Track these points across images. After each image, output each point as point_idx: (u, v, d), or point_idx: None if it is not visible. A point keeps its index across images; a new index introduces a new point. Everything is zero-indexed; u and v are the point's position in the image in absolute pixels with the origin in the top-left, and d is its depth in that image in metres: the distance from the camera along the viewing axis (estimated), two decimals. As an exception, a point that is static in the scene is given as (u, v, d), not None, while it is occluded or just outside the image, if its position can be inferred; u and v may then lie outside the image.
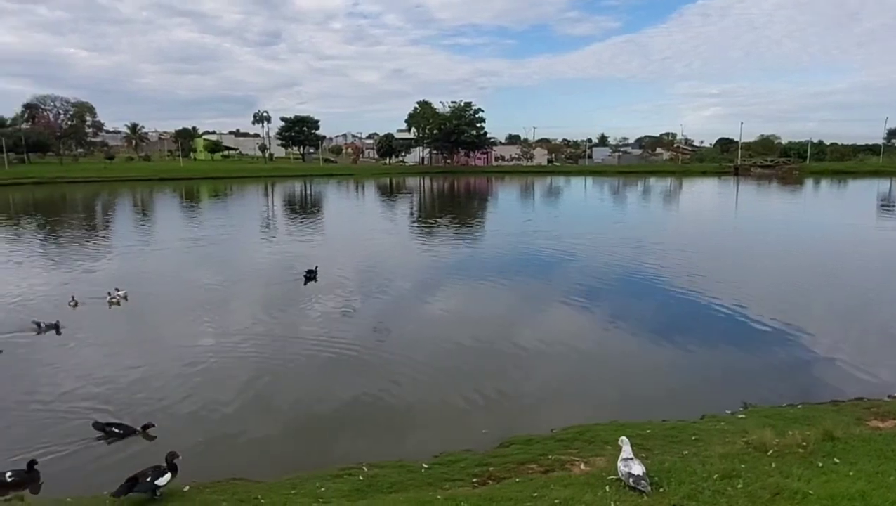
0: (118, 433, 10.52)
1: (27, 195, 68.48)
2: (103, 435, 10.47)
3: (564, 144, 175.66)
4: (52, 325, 16.64)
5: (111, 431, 10.54)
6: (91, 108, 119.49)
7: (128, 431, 10.58)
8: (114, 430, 10.55)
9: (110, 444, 10.27)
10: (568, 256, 29.18)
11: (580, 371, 14.22)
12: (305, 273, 23.98)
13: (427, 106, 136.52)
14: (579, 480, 7.39)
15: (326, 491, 7.71)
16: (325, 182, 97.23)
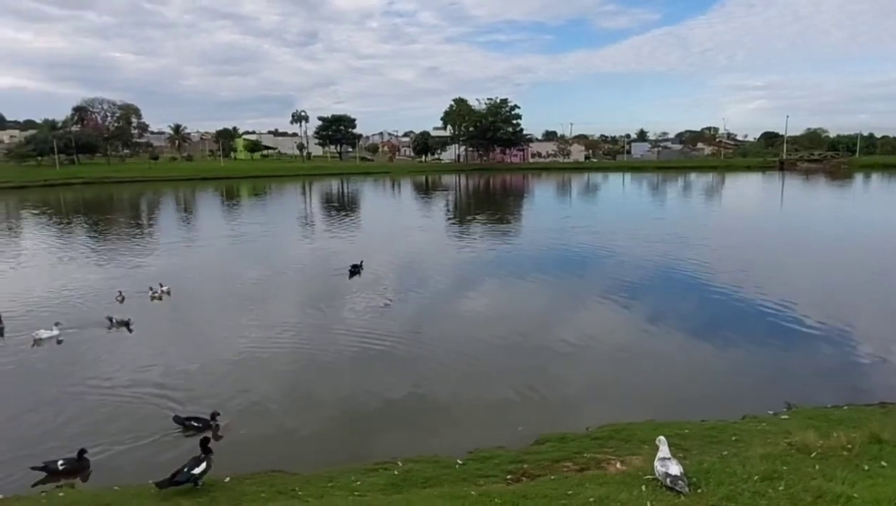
0: (196, 427, 10.70)
1: (77, 195, 70.98)
2: (182, 428, 10.70)
3: (602, 139, 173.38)
4: (123, 321, 17.17)
5: (190, 424, 10.76)
6: (136, 110, 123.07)
7: (205, 424, 10.76)
8: (192, 424, 10.76)
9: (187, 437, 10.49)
10: (606, 253, 28.81)
11: (616, 369, 14.05)
12: (351, 267, 24.36)
13: (463, 103, 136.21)
14: (615, 479, 7.31)
15: (362, 485, 7.81)
16: (361, 180, 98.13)
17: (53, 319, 17.07)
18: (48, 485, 8.99)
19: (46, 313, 18.22)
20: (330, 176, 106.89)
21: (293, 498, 7.37)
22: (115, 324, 17.06)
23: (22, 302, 20.03)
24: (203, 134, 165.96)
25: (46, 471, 9.20)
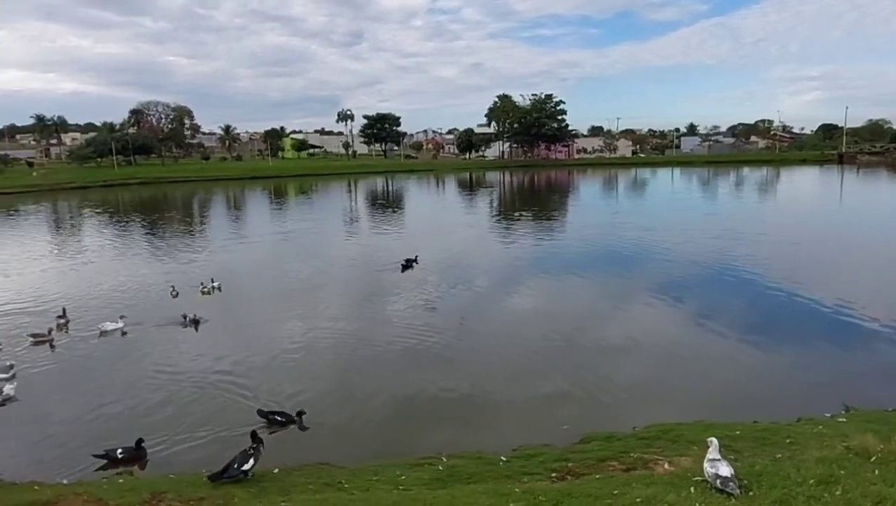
0: (280, 421, 10.91)
1: (134, 195, 73.76)
2: (266, 422, 10.90)
3: (650, 134, 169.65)
4: (194, 319, 17.51)
5: (274, 419, 10.96)
6: (189, 112, 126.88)
7: (288, 418, 10.95)
8: (276, 418, 10.96)
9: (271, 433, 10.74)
10: (654, 250, 28.24)
11: (665, 369, 13.77)
12: (404, 261, 24.75)
13: (507, 99, 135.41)
14: (662, 479, 7.18)
15: (407, 479, 7.89)
16: (405, 178, 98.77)
17: (114, 313, 17.87)
18: (108, 472, 9.42)
19: (106, 308, 19.06)
20: (375, 174, 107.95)
21: (340, 490, 7.51)
22: (188, 322, 17.34)
23: (85, 296, 21.01)
24: (252, 134, 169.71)
25: (107, 459, 9.64)
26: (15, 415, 11.79)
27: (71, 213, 56.40)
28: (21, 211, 55.93)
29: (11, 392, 12.25)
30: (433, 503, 6.38)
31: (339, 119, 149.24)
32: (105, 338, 16.43)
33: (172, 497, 7.39)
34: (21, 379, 13.21)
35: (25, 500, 7.40)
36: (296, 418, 10.97)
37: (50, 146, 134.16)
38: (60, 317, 17.49)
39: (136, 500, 7.32)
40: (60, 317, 17.49)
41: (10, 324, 17.76)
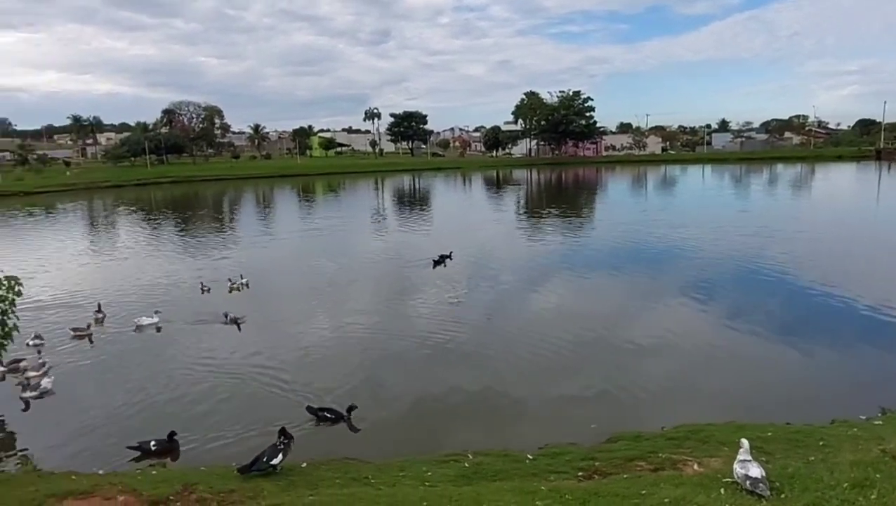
0: (330, 418, 10.93)
1: (166, 193, 75.25)
2: (315, 419, 10.98)
3: (680, 130, 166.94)
4: (235, 319, 17.25)
5: (323, 415, 10.98)
6: (219, 112, 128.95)
7: (338, 415, 10.96)
8: (326, 415, 10.98)
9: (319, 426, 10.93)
10: (684, 248, 27.85)
11: (695, 369, 13.58)
12: (438, 256, 24.97)
13: (534, 97, 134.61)
14: (692, 480, 7.09)
15: (433, 475, 7.93)
16: (432, 176, 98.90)
17: (148, 308, 18.30)
18: (142, 463, 9.66)
19: (141, 303, 19.52)
20: (402, 172, 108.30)
21: (366, 485, 7.58)
22: (228, 321, 17.16)
23: (121, 292, 21.55)
24: (281, 133, 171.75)
25: (140, 450, 9.89)
26: (53, 408, 12.13)
27: (106, 211, 57.83)
28: (59, 209, 57.51)
29: (49, 386, 12.61)
30: (459, 500, 6.40)
31: (367, 117, 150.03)
32: (140, 333, 16.82)
33: (203, 489, 7.54)
34: (59, 372, 13.61)
35: (63, 489, 7.62)
36: (345, 416, 10.94)
37: (86, 146, 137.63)
38: (97, 312, 17.95)
39: (169, 491, 7.48)
40: (97, 312, 17.95)
41: (52, 318, 18.28)
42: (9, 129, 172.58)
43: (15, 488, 8.00)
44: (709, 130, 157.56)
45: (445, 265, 24.68)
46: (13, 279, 11.19)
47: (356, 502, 6.50)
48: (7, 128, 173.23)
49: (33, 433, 11.15)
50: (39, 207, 57.82)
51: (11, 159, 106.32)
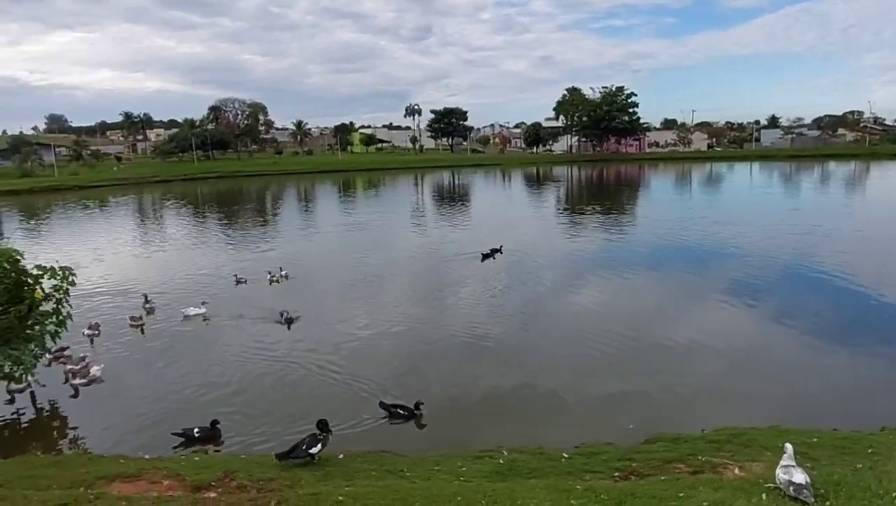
0: (403, 415, 10.94)
1: (212, 188, 77.20)
2: (388, 415, 11.02)
3: (727, 127, 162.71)
4: (290, 318, 16.88)
5: (396, 411, 10.99)
6: (263, 108, 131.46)
7: (409, 412, 10.94)
8: (399, 411, 10.99)
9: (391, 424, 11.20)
10: (729, 246, 27.10)
11: (737, 371, 13.23)
12: (488, 251, 25.33)
13: (576, 93, 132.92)
14: (732, 484, 6.93)
15: (468, 471, 7.94)
16: (472, 172, 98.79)
17: (195, 298, 18.87)
18: (185, 449, 9.97)
19: (187, 292, 20.12)
20: (441, 168, 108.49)
21: (401, 478, 7.64)
22: (283, 319, 16.81)
23: (167, 282, 22.26)
24: (322, 129, 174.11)
25: (184, 437, 10.19)
26: (102, 394, 12.60)
27: (155, 205, 59.71)
28: (111, 202, 59.65)
29: (98, 373, 13.08)
30: (493, 496, 6.40)
31: (407, 114, 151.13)
32: (188, 323, 17.30)
33: (243, 476, 7.73)
34: (110, 359, 14.14)
35: (112, 471, 7.93)
36: (416, 412, 10.93)
37: (136, 142, 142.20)
38: (145, 303, 18.55)
39: (211, 477, 7.69)
40: (145, 303, 18.55)
41: (103, 306, 19.01)
42: (65, 125, 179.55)
43: (67, 468, 8.35)
44: (757, 127, 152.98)
45: (495, 259, 24.90)
46: (67, 269, 11.66)
47: (391, 495, 6.56)
48: (63, 124, 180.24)
49: (83, 418, 11.61)
50: (93, 201, 60.04)
51: (67, 155, 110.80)
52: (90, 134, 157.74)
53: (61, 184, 76.84)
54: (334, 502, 6.41)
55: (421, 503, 6.28)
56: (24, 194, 68.46)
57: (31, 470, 8.26)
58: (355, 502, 6.37)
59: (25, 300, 11.07)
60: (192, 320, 17.43)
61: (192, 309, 17.77)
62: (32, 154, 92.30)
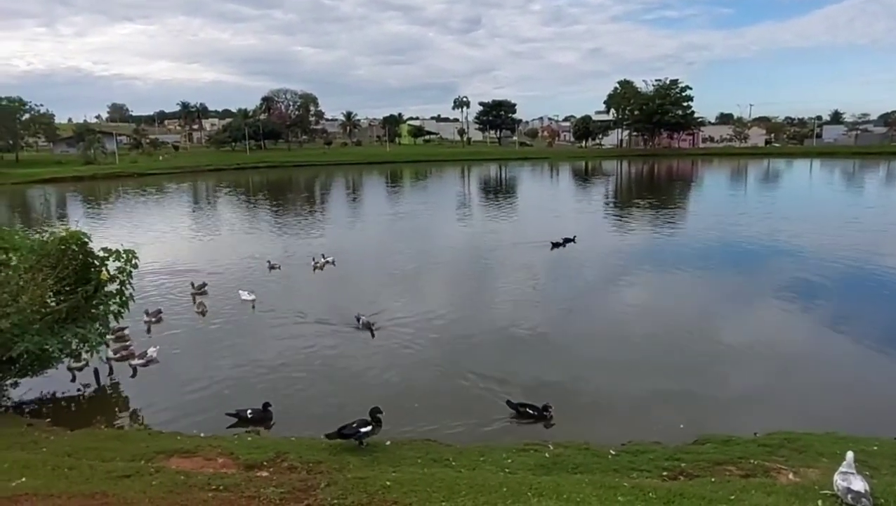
0: (531, 414, 10.67)
1: (263, 177, 79.01)
2: (517, 415, 10.78)
3: (787, 122, 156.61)
4: (369, 324, 15.58)
5: (524, 411, 10.73)
6: (314, 99, 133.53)
7: (539, 413, 10.70)
8: (528, 411, 10.71)
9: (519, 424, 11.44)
10: (785, 247, 26.20)
11: (791, 375, 12.83)
12: (561, 240, 26.03)
13: (628, 85, 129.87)
14: (785, 489, 6.75)
15: (513, 463, 7.97)
16: (519, 166, 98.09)
17: (246, 284, 19.50)
18: (238, 429, 10.30)
19: (239, 277, 20.72)
20: (488, 161, 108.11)
21: (447, 467, 7.73)
22: (361, 325, 15.61)
23: (221, 267, 23.01)
24: (371, 120, 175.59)
25: (237, 417, 10.54)
26: (159, 375, 13.11)
27: (208, 192, 61.54)
28: (168, 189, 61.78)
29: (154, 354, 13.59)
30: (539, 489, 6.41)
31: (455, 106, 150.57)
32: (240, 308, 17.76)
33: (294, 458, 7.96)
34: (166, 342, 14.69)
35: (171, 447, 8.29)
36: (545, 414, 10.67)
37: (192, 131, 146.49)
38: (201, 286, 19.13)
39: (262, 457, 7.95)
40: (201, 286, 19.13)
41: (165, 287, 19.81)
42: (126, 114, 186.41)
43: (128, 442, 8.77)
44: (819, 122, 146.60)
45: (565, 247, 25.65)
46: (131, 252, 12.16)
47: (437, 482, 6.64)
48: (125, 113, 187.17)
49: (141, 396, 12.12)
50: (151, 188, 62.26)
51: (127, 143, 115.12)
52: (149, 123, 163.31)
53: (122, 171, 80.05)
54: (381, 486, 6.53)
55: (467, 492, 6.33)
56: (87, 180, 71.62)
57: (96, 442, 8.70)
58: (402, 488, 6.47)
59: (92, 281, 11.60)
60: (245, 305, 17.87)
61: (244, 294, 18.24)
62: (96, 142, 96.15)
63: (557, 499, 6.14)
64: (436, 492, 6.37)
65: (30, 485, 6.49)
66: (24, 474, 6.84)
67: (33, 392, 11.81)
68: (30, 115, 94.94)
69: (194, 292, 18.98)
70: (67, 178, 71.73)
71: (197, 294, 18.82)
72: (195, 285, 19.22)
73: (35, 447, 8.31)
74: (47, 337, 10.50)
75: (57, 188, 63.86)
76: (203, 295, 18.81)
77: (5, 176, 70.14)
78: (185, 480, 6.80)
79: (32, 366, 10.98)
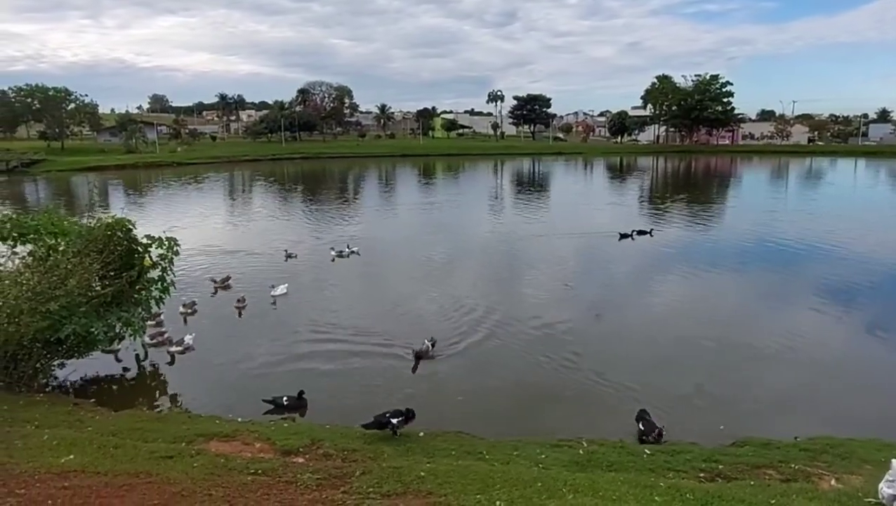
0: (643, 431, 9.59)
1: (297, 168, 79.95)
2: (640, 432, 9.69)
3: (831, 120, 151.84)
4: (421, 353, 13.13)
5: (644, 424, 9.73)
6: (349, 92, 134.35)
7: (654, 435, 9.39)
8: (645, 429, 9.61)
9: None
10: (826, 248, 25.41)
11: (832, 378, 12.51)
12: (633, 232, 26.67)
13: (667, 80, 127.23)
14: (827, 495, 6.60)
15: (546, 458, 7.94)
16: (553, 161, 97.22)
17: (278, 274, 19.68)
18: (274, 416, 10.48)
19: (271, 269, 21.01)
20: (521, 156, 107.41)
21: (480, 460, 7.74)
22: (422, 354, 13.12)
23: (253, 256, 23.35)
24: (405, 113, 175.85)
25: (273, 404, 10.72)
26: (197, 361, 13.35)
27: (244, 182, 62.60)
28: (206, 179, 63.01)
29: (191, 342, 13.85)
30: (574, 485, 6.38)
31: (490, 100, 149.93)
32: (274, 297, 17.86)
33: (329, 445, 8.07)
34: (202, 330, 14.99)
35: (210, 431, 8.48)
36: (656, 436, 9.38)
37: (230, 122, 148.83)
38: (225, 280, 19.10)
39: (298, 444, 8.07)
40: (225, 280, 19.10)
41: (195, 271, 20.22)
42: (166, 105, 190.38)
43: (170, 424, 9.00)
44: (865, 120, 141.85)
45: (634, 239, 26.27)
46: (172, 240, 12.46)
47: (471, 475, 6.66)
48: (165, 104, 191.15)
49: (180, 381, 12.40)
50: (189, 177, 63.58)
51: (167, 133, 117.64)
52: (188, 114, 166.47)
53: (162, 160, 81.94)
54: (416, 477, 6.58)
55: (501, 486, 6.34)
56: (128, 169, 73.54)
57: (139, 423, 8.95)
58: (436, 479, 6.51)
59: (135, 267, 11.92)
60: (279, 299, 17.83)
61: (279, 287, 18.21)
62: (137, 132, 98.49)
63: (594, 496, 6.10)
64: (470, 485, 6.39)
65: (77, 462, 6.71)
66: (71, 452, 7.08)
67: (78, 373, 12.19)
68: (75, 104, 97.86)
69: (217, 286, 18.94)
70: (110, 166, 73.81)
71: (220, 287, 18.80)
72: (218, 280, 19.11)
73: (81, 426, 8.58)
74: (93, 320, 10.82)
75: (100, 176, 65.67)
76: (226, 289, 18.83)
77: (52, 163, 72.48)
78: (224, 463, 6.95)
79: (78, 347, 11.31)
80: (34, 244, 11.45)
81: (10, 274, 10.81)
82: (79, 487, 5.92)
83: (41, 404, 9.74)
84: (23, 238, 11.45)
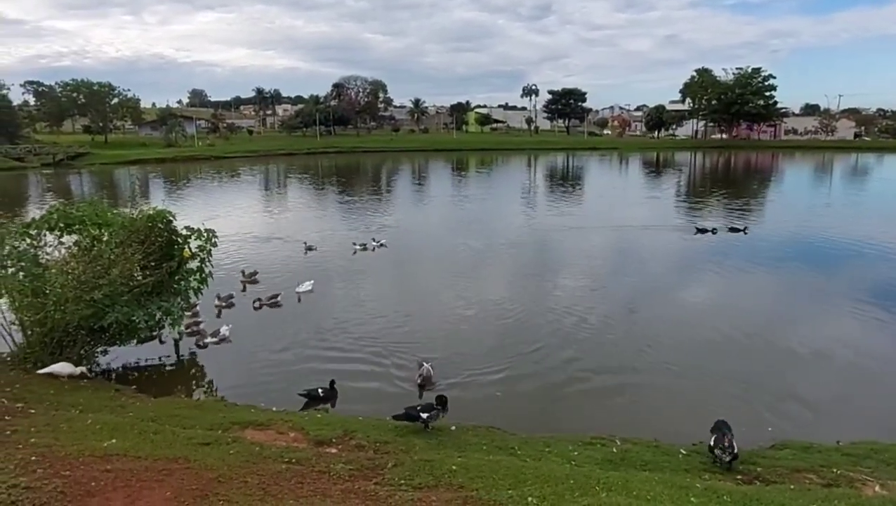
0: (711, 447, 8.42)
1: (331, 162, 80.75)
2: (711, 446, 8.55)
3: (879, 114, 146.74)
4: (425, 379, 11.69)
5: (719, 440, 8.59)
6: (383, 86, 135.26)
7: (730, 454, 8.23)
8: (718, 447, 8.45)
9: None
10: (870, 247, 24.57)
11: (874, 383, 12.09)
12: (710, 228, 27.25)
13: (706, 74, 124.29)
14: (871, 502, 6.41)
15: (579, 456, 7.87)
16: (587, 156, 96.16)
17: (307, 269, 19.98)
18: (309, 407, 10.60)
19: (301, 265, 21.27)
20: (555, 151, 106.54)
21: (512, 455, 7.71)
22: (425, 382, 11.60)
23: (282, 250, 23.70)
24: (438, 108, 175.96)
25: (309, 397, 10.84)
26: (232, 352, 13.55)
27: (279, 176, 63.54)
28: (243, 172, 64.11)
29: (227, 333, 14.09)
30: (608, 484, 6.30)
31: (524, 94, 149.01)
32: (304, 294, 17.98)
33: (361, 437, 8.13)
34: (239, 321, 15.25)
35: (245, 419, 8.64)
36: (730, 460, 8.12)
37: (266, 116, 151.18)
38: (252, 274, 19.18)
39: (331, 434, 8.16)
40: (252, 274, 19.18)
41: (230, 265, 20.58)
42: (205, 99, 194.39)
43: (206, 412, 9.20)
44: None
45: (715, 233, 26.60)
46: (211, 232, 12.70)
47: (503, 470, 6.64)
48: (203, 98, 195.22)
49: (215, 371, 12.61)
50: (226, 170, 64.85)
51: (206, 127, 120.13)
52: (226, 108, 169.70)
53: (200, 154, 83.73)
54: (447, 470, 6.58)
55: (533, 482, 6.31)
56: (168, 162, 75.34)
57: (177, 410, 9.16)
58: (468, 473, 6.51)
59: (175, 257, 12.20)
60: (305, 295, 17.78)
61: (305, 284, 18.21)
62: (177, 126, 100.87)
63: (627, 495, 6.02)
64: (502, 479, 6.37)
65: (119, 446, 6.90)
66: (113, 436, 7.28)
67: (119, 360, 12.53)
68: (118, 99, 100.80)
69: (244, 281, 18.97)
70: (150, 159, 75.75)
71: (247, 281, 18.90)
72: (246, 273, 19.21)
73: (122, 411, 8.83)
74: (134, 308, 11.11)
75: (141, 169, 67.40)
76: (254, 283, 18.90)
77: (96, 157, 74.60)
78: (259, 451, 7.07)
79: (120, 335, 11.63)
80: (79, 235, 11.77)
81: (56, 263, 11.16)
82: (120, 470, 6.09)
83: (85, 389, 10.04)
84: (69, 228, 11.78)
